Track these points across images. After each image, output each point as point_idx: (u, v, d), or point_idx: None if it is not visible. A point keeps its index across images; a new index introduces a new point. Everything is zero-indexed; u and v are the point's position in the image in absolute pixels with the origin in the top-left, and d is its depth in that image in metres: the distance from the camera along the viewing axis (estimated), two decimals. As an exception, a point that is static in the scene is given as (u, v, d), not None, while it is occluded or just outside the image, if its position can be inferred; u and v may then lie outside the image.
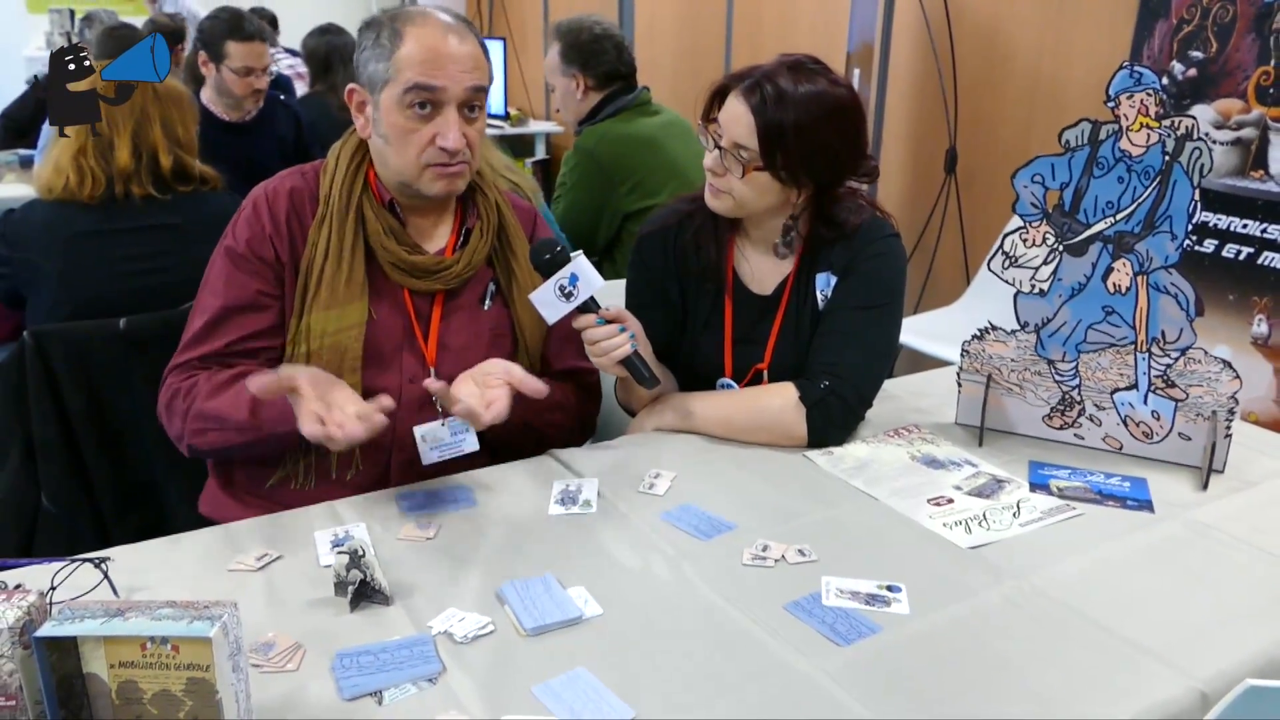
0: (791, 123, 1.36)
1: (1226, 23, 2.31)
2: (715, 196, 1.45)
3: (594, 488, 1.28)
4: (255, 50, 2.86)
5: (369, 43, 1.34)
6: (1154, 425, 1.39)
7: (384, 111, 1.33)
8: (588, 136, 2.58)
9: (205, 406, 1.31)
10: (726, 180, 1.42)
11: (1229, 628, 1.02)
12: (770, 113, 1.36)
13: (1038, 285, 1.40)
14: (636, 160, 2.53)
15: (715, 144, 1.42)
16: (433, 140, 1.32)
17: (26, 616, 0.80)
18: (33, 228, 1.75)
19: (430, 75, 1.30)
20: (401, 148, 1.34)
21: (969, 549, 1.16)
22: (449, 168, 1.35)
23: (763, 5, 4.21)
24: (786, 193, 1.43)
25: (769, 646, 0.97)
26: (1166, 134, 1.28)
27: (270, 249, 1.37)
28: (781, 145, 1.37)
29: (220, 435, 1.31)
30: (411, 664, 0.93)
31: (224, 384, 1.32)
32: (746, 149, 1.38)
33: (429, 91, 1.30)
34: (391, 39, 1.31)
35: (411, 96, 1.30)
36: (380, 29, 1.33)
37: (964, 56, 3.25)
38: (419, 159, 1.34)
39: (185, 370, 1.36)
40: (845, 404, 1.43)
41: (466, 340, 1.44)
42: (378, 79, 1.33)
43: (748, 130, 1.37)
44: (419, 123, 1.32)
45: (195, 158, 1.90)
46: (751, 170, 1.39)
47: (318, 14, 4.49)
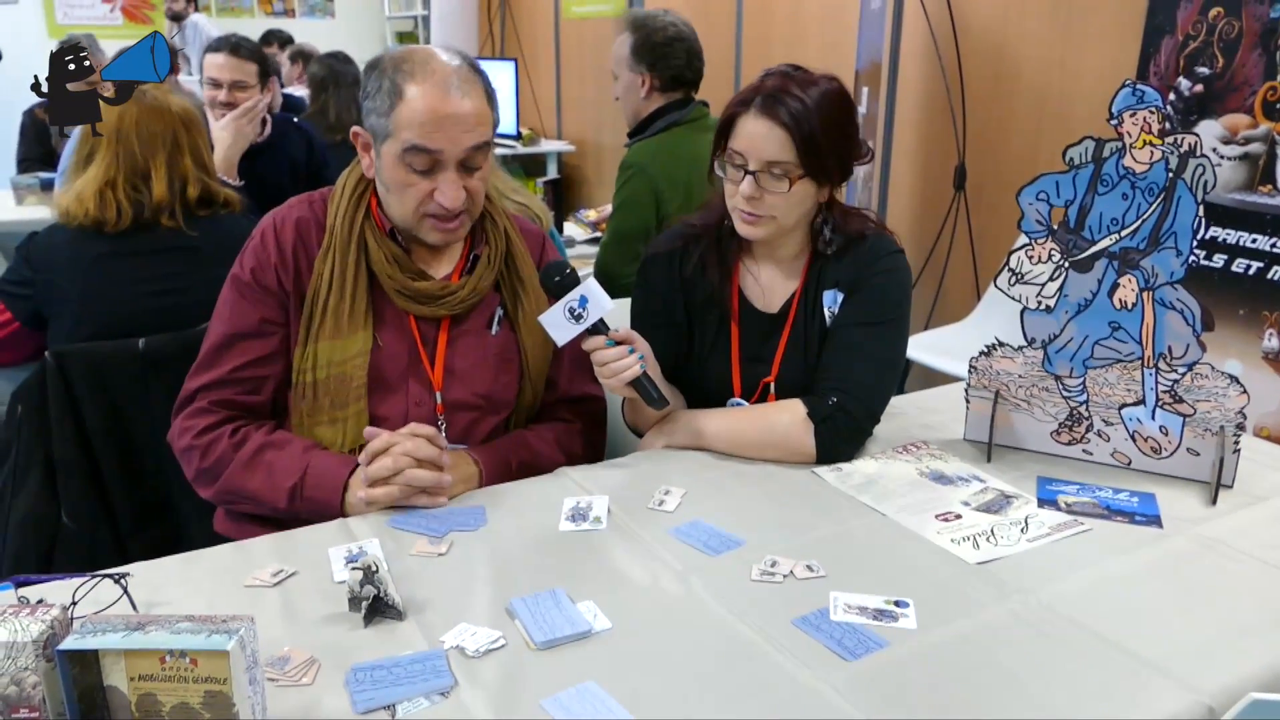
0: (819, 125, 1.38)
1: (1232, 39, 2.32)
2: (755, 224, 1.44)
3: (604, 504, 1.30)
4: (215, 61, 2.89)
5: (372, 90, 1.34)
6: (1162, 440, 1.39)
7: (384, 162, 1.35)
8: (638, 152, 2.52)
9: (237, 486, 1.35)
10: (766, 203, 1.42)
11: (1235, 642, 1.02)
12: (802, 122, 1.38)
13: (1044, 302, 1.41)
14: (686, 176, 2.47)
15: (745, 171, 1.41)
16: (431, 194, 1.34)
17: (50, 630, 0.82)
18: (56, 250, 1.78)
19: (428, 138, 1.30)
20: (401, 198, 1.36)
21: (977, 564, 1.16)
22: (447, 222, 1.38)
23: (771, 26, 4.25)
24: (818, 195, 1.46)
25: (777, 661, 0.98)
26: (1170, 151, 1.29)
27: (275, 278, 1.40)
28: (817, 149, 1.39)
29: (254, 508, 1.36)
30: (424, 678, 0.94)
31: (253, 460, 1.34)
32: (782, 163, 1.39)
33: (427, 154, 1.32)
34: (391, 94, 1.31)
35: (409, 157, 1.32)
36: (382, 78, 1.33)
37: (971, 74, 3.27)
38: (417, 210, 1.36)
39: (191, 414, 1.38)
40: (853, 420, 1.44)
41: (472, 365, 1.46)
42: (378, 132, 1.34)
43: (779, 145, 1.39)
44: (417, 178, 1.34)
45: (217, 180, 1.93)
46: (796, 180, 1.40)
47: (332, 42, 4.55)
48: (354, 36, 7.57)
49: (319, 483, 1.31)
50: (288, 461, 1.33)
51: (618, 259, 2.52)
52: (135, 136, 1.80)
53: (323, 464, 1.33)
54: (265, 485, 1.33)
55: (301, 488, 1.31)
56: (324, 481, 1.31)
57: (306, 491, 1.31)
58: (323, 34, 7.35)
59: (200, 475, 1.38)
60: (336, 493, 1.30)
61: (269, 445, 1.35)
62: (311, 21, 8.18)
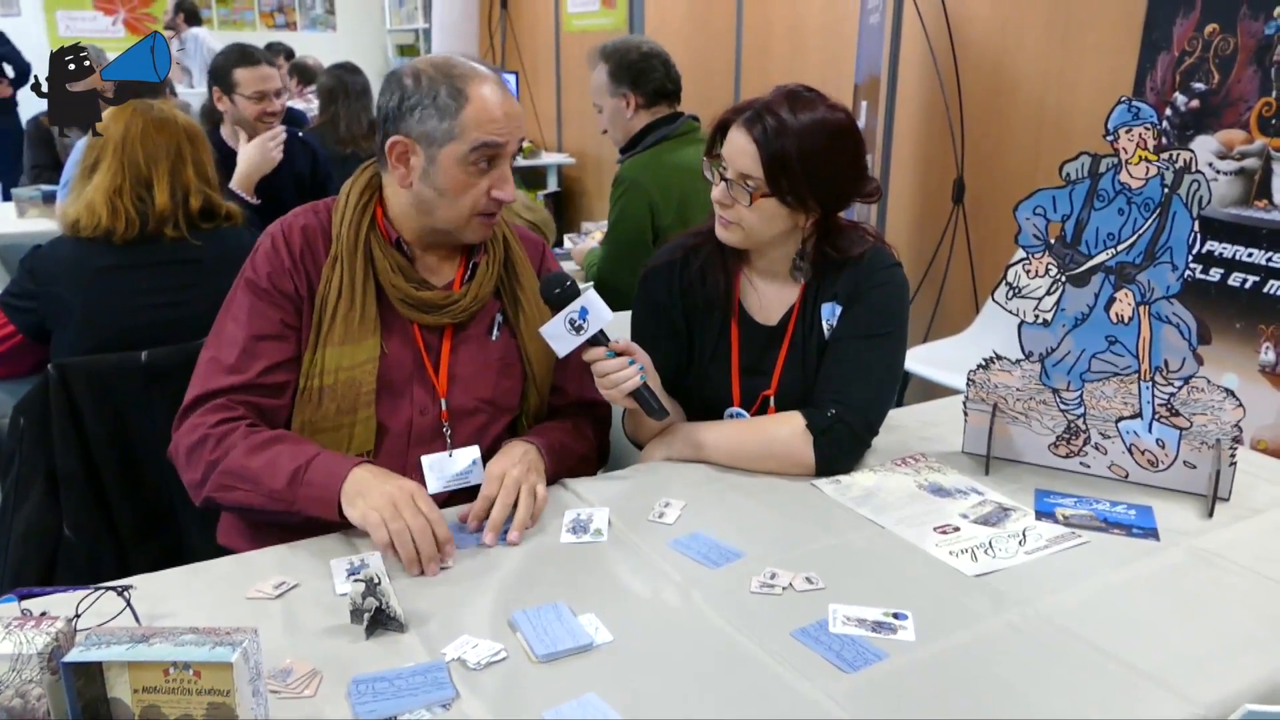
0: (794, 149, 1.40)
1: (1228, 55, 2.34)
2: (725, 229, 1.49)
3: (604, 516, 1.30)
4: (262, 74, 2.93)
5: (422, 100, 1.35)
6: (1159, 453, 1.40)
7: (443, 167, 1.36)
8: (630, 167, 2.57)
9: (239, 464, 1.29)
10: (736, 211, 1.45)
11: (1231, 654, 1.02)
12: (773, 141, 1.40)
13: (1041, 315, 1.42)
14: (680, 188, 2.51)
15: (721, 177, 1.46)
16: (487, 192, 1.39)
17: (55, 643, 0.83)
18: (60, 263, 1.79)
19: (498, 134, 1.36)
20: (457, 199, 1.38)
21: (974, 576, 1.17)
22: (494, 216, 1.43)
23: (771, 40, 4.27)
24: (794, 218, 1.47)
25: (776, 673, 0.98)
26: (1165, 167, 1.30)
27: (290, 283, 1.41)
28: (786, 171, 1.40)
29: (247, 495, 1.29)
30: (426, 690, 0.95)
31: (262, 445, 1.30)
32: (752, 178, 1.42)
33: (495, 149, 1.37)
34: (454, 97, 1.34)
35: (479, 154, 1.36)
36: (435, 86, 1.35)
37: (970, 88, 3.29)
38: (473, 209, 1.39)
39: (211, 409, 1.34)
40: (852, 432, 1.45)
41: (475, 371, 1.47)
42: (437, 136, 1.35)
43: (752, 160, 1.41)
44: (479, 177, 1.38)
45: (219, 194, 1.95)
46: (759, 198, 1.42)
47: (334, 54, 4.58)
48: (355, 49, 7.60)
49: (324, 467, 1.26)
50: (296, 450, 1.29)
51: (618, 272, 2.54)
52: (140, 146, 1.82)
53: (332, 457, 1.29)
54: (268, 466, 1.28)
55: (306, 469, 1.26)
56: (330, 467, 1.26)
57: (309, 474, 1.26)
58: (324, 47, 7.39)
59: (206, 468, 1.32)
60: (339, 478, 1.24)
61: (284, 438, 1.33)
62: (313, 34, 8.23)
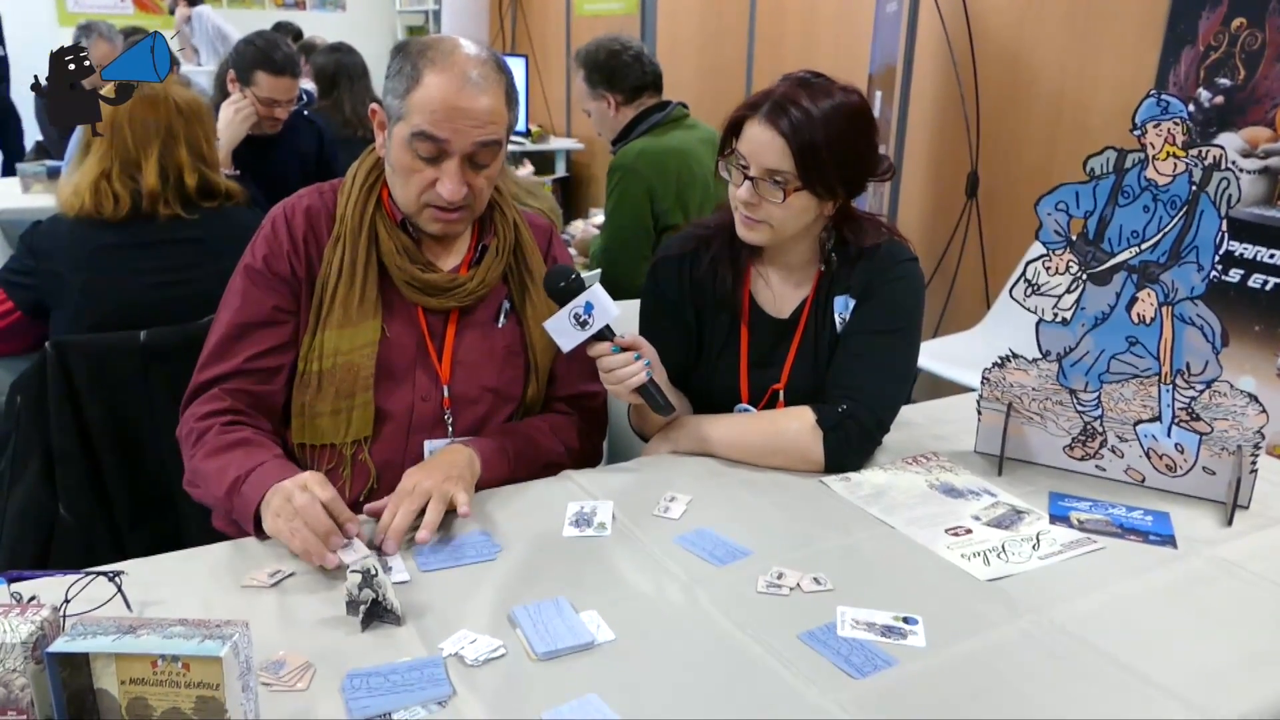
0: (822, 138, 1.36)
1: (1255, 50, 2.29)
2: (751, 229, 1.43)
3: (609, 510, 1.28)
4: (283, 85, 2.89)
5: (394, 70, 1.34)
6: (1177, 458, 1.37)
7: (394, 143, 1.34)
8: (624, 155, 2.58)
9: (199, 465, 1.29)
10: (763, 209, 1.40)
11: (1250, 668, 0.99)
12: (801, 132, 1.35)
13: (1060, 314, 1.38)
14: (676, 172, 2.54)
15: (744, 176, 1.40)
16: (433, 184, 1.33)
17: (40, 631, 0.81)
18: (59, 240, 1.77)
19: (436, 127, 1.29)
20: (404, 183, 1.35)
21: (987, 581, 1.14)
22: (447, 213, 1.36)
23: (785, 27, 4.22)
24: (821, 208, 1.43)
25: (782, 677, 0.95)
26: (1194, 163, 1.26)
27: (288, 265, 1.38)
28: (817, 161, 1.36)
29: (205, 496, 1.31)
30: (421, 686, 0.92)
31: (222, 449, 1.28)
32: (781, 173, 1.37)
33: (433, 142, 1.30)
34: (410, 78, 1.30)
35: (416, 142, 1.30)
36: (405, 61, 1.32)
37: (986, 80, 3.24)
38: (418, 198, 1.35)
39: (204, 400, 1.34)
40: (863, 428, 1.42)
41: (480, 357, 1.44)
42: (392, 112, 1.33)
43: (780, 154, 1.37)
44: (422, 164, 1.32)
45: (218, 172, 1.92)
46: (792, 192, 1.38)
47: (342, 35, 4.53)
48: (364, 29, 7.55)
49: (258, 479, 1.20)
50: (246, 457, 1.25)
51: (621, 260, 2.53)
52: (129, 127, 1.79)
53: (273, 467, 1.22)
54: (218, 473, 1.24)
55: (244, 480, 1.21)
56: (263, 479, 1.19)
57: (244, 486, 1.20)
58: (333, 27, 7.34)
59: (185, 457, 1.33)
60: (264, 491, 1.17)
61: (246, 442, 1.29)
62: (322, 14, 8.16)
